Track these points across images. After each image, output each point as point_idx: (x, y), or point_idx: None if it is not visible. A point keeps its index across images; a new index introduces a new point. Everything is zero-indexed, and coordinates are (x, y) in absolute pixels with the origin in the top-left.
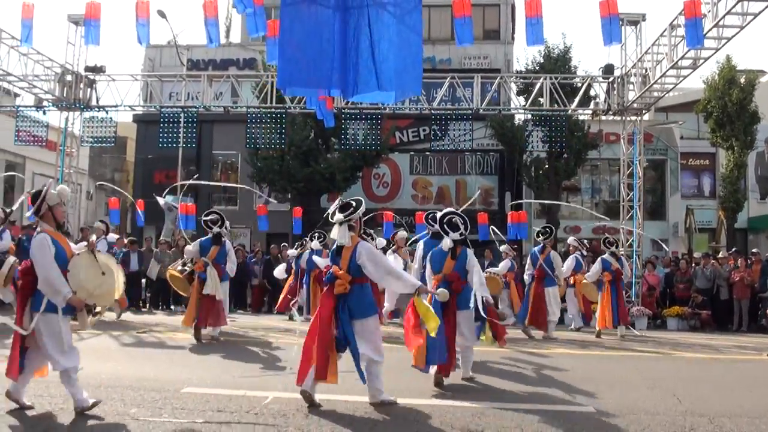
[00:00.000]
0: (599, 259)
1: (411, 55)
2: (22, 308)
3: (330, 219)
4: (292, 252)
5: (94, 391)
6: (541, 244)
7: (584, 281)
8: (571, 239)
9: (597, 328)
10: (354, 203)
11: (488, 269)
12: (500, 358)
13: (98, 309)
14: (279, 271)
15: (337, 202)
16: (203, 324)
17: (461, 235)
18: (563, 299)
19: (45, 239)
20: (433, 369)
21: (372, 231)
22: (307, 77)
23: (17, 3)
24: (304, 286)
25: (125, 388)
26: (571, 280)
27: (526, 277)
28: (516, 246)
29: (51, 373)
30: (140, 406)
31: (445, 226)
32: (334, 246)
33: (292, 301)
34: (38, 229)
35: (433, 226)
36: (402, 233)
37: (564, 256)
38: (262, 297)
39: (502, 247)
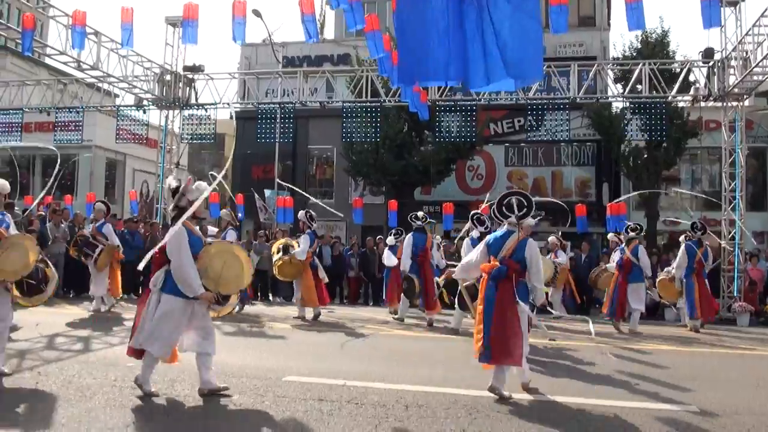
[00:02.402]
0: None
1: (531, 42)
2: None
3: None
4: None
5: (197, 378)
6: (696, 239)
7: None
8: (610, 235)
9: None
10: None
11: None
12: (600, 353)
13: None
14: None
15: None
16: (324, 303)
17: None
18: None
19: None
20: None
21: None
22: (426, 70)
23: (113, 7)
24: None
25: (228, 375)
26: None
27: (675, 270)
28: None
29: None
30: (242, 393)
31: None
32: None
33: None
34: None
35: (415, 222)
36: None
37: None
38: (358, 289)
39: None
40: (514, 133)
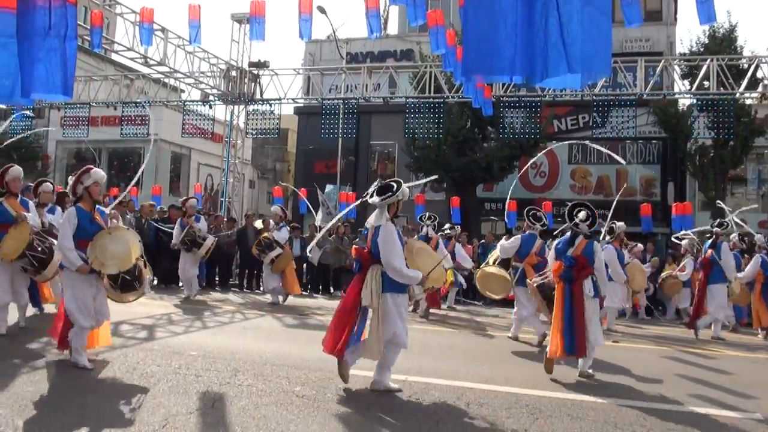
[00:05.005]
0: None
1: (601, 37)
2: None
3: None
4: None
5: (260, 368)
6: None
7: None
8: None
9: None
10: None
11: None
12: (661, 357)
13: None
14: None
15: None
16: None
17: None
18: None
19: None
20: None
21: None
22: (491, 65)
23: (180, 4)
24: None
25: (290, 367)
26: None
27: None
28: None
29: (215, 348)
30: (304, 384)
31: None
32: None
33: None
34: None
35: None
36: None
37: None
38: None
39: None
40: (579, 130)
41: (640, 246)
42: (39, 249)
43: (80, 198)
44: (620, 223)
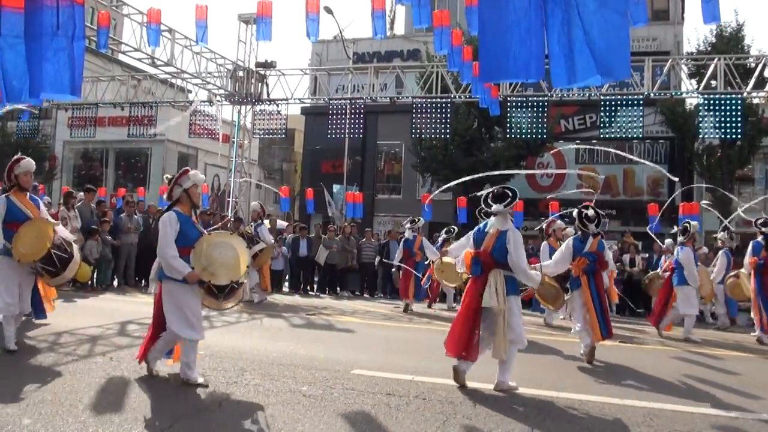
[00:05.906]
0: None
1: (618, 38)
2: None
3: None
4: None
5: (267, 368)
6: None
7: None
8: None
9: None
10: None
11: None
12: (670, 357)
13: None
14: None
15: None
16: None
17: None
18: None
19: None
20: None
21: None
22: (507, 68)
23: (187, 5)
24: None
25: (296, 366)
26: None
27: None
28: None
29: (222, 348)
30: (311, 384)
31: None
32: None
33: None
34: None
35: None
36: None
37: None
38: None
39: (667, 241)
40: (585, 130)
41: (705, 249)
42: (62, 248)
43: (177, 201)
44: (694, 223)
